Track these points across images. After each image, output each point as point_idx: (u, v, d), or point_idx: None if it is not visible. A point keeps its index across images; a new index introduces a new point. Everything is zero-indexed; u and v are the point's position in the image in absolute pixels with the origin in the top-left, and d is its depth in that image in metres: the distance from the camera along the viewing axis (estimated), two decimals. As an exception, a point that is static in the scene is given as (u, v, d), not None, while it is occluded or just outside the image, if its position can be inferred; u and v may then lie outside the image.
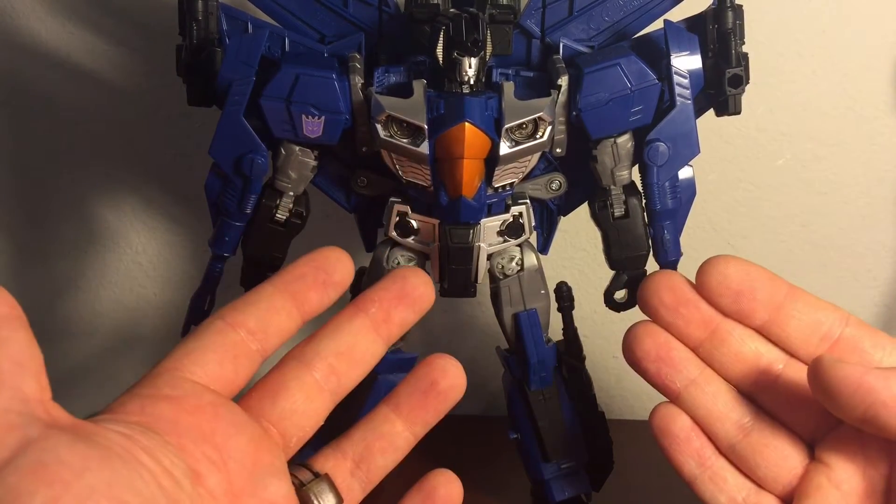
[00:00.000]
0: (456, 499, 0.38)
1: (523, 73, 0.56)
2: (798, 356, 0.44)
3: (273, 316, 0.36)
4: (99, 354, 0.84)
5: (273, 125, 0.53)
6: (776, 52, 0.74)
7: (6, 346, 0.29)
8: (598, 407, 0.62)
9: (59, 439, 0.28)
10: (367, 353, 0.37)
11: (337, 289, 0.37)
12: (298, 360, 0.37)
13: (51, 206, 0.80)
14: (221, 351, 0.35)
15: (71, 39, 0.75)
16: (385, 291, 0.38)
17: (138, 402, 0.32)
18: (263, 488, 0.33)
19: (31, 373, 0.29)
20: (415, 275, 0.38)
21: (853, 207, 0.78)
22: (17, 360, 0.29)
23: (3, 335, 0.29)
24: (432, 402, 0.38)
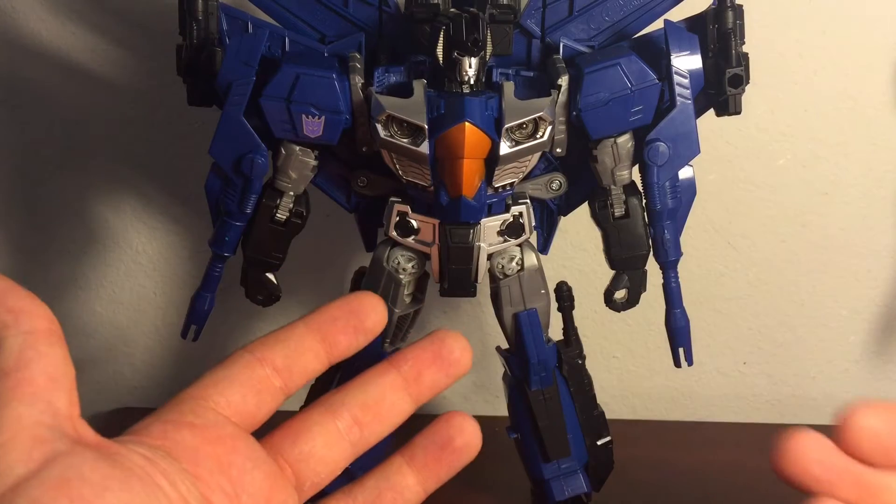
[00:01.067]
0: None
1: (523, 73, 0.56)
2: None
3: (301, 356, 0.36)
4: (99, 354, 0.83)
5: (273, 125, 0.53)
6: (777, 52, 0.74)
7: (42, 361, 0.29)
8: (598, 407, 0.62)
9: (84, 456, 0.28)
10: (394, 410, 0.37)
11: (368, 335, 0.37)
12: (325, 406, 0.37)
13: (51, 206, 0.80)
14: (247, 384, 0.35)
15: (71, 39, 0.75)
16: (421, 351, 0.38)
17: (161, 427, 0.32)
18: None
19: (63, 388, 0.30)
20: (454, 339, 0.38)
21: (853, 207, 0.78)
22: (51, 375, 0.29)
23: (41, 350, 0.29)
24: (447, 459, 0.38)
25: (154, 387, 0.84)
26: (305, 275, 0.79)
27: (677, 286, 0.57)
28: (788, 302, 0.81)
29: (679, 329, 0.58)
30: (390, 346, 0.60)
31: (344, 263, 0.79)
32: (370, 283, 0.58)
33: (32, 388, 0.29)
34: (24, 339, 0.29)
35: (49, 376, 0.29)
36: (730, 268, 0.80)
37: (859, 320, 0.81)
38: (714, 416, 0.83)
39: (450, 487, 0.67)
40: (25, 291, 0.31)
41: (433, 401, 0.87)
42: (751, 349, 0.82)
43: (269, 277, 0.58)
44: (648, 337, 0.81)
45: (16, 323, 0.30)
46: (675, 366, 0.58)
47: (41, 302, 0.31)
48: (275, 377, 0.35)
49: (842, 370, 0.82)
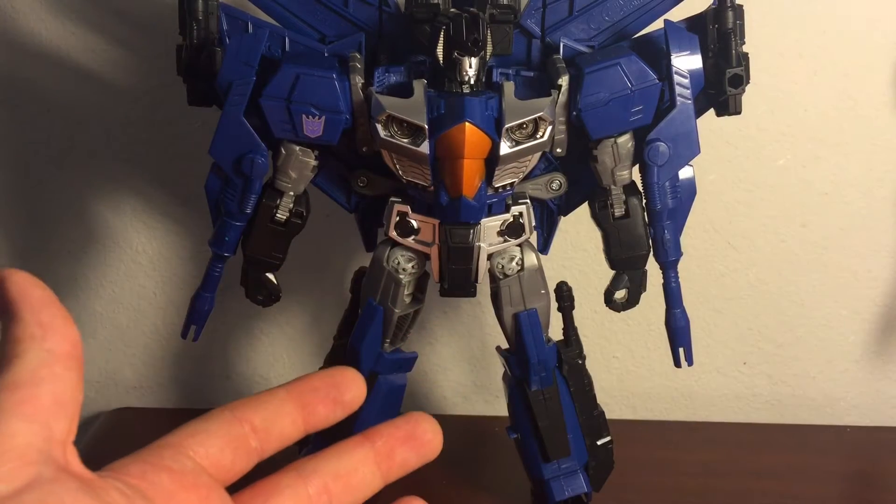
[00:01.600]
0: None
1: (523, 73, 0.56)
2: None
3: (279, 419, 0.37)
4: (99, 354, 0.83)
5: (273, 125, 0.53)
6: (777, 52, 0.74)
7: (54, 382, 0.30)
8: (598, 407, 0.62)
9: (67, 485, 0.29)
10: (364, 483, 0.38)
11: (345, 409, 0.38)
12: (297, 471, 0.37)
13: (51, 206, 0.80)
14: (225, 439, 0.36)
15: (71, 39, 0.75)
16: (395, 429, 0.38)
17: (141, 467, 0.32)
18: None
19: (66, 414, 0.30)
20: (426, 421, 0.39)
21: (853, 207, 0.78)
22: (58, 399, 0.30)
23: (57, 371, 0.30)
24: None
25: (154, 387, 0.84)
26: (305, 275, 0.79)
27: (677, 286, 0.57)
28: (788, 302, 0.81)
29: (679, 329, 0.58)
30: (390, 346, 0.60)
31: (344, 263, 0.79)
32: (370, 283, 0.58)
33: (36, 406, 0.29)
34: (45, 356, 0.30)
35: (56, 399, 0.29)
36: (730, 268, 0.80)
37: (859, 320, 0.81)
38: (714, 416, 0.83)
39: (450, 487, 0.67)
40: (62, 310, 0.31)
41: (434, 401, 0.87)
42: (751, 349, 0.82)
43: (269, 277, 0.58)
44: (648, 337, 0.81)
45: (42, 339, 0.30)
46: (675, 366, 0.58)
47: (73, 324, 0.31)
48: (252, 437, 0.36)
49: (842, 370, 0.82)
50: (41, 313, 0.30)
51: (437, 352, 0.82)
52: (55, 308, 0.31)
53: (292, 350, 0.83)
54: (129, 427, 0.79)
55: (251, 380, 0.83)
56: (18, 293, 0.31)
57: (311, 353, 0.82)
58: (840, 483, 0.72)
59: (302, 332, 0.82)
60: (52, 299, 0.31)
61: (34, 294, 0.31)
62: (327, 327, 0.73)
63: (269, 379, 0.83)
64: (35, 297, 0.31)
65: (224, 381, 0.83)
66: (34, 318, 0.30)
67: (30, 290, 0.31)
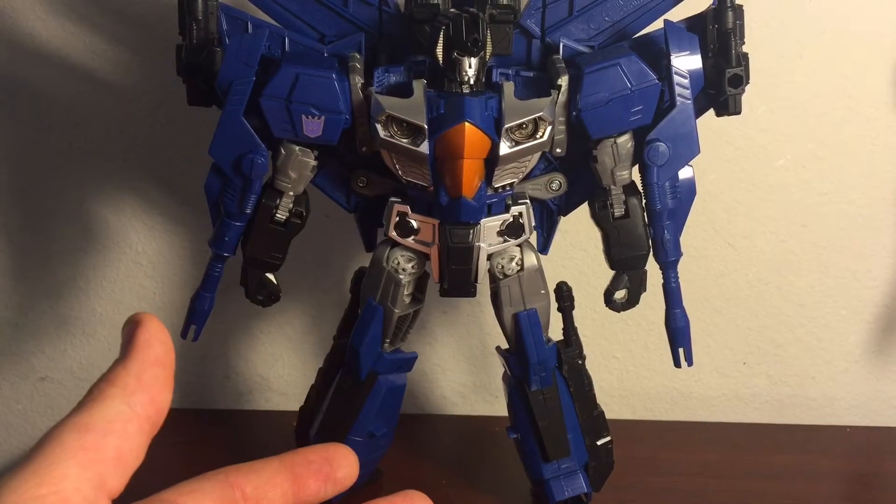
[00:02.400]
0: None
1: (523, 73, 0.56)
2: None
3: (270, 489, 0.37)
4: (99, 354, 0.83)
5: (273, 125, 0.53)
6: (777, 52, 0.74)
7: (122, 439, 0.30)
8: (598, 407, 0.62)
9: None
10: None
11: (336, 486, 0.38)
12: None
13: (51, 206, 0.80)
14: (217, 500, 0.36)
15: (71, 39, 0.75)
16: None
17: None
18: None
19: (121, 472, 0.30)
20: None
21: (853, 207, 0.78)
22: (120, 456, 0.30)
23: (129, 430, 0.30)
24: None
25: (154, 387, 0.84)
26: (305, 275, 0.79)
27: (677, 286, 0.57)
28: (788, 302, 0.81)
29: (679, 329, 0.58)
30: (390, 346, 0.60)
31: (344, 263, 0.79)
32: (370, 283, 0.58)
33: (97, 456, 0.29)
34: (125, 411, 0.30)
35: (118, 455, 0.30)
36: (730, 268, 0.80)
37: (859, 320, 0.81)
38: (714, 416, 0.83)
39: (450, 487, 0.67)
40: (168, 376, 0.32)
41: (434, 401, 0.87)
42: (751, 349, 0.82)
43: (269, 277, 0.58)
44: (648, 337, 0.81)
45: (132, 393, 0.31)
46: (675, 366, 0.58)
47: (170, 393, 0.32)
48: (242, 503, 0.36)
49: (842, 370, 0.82)
50: (146, 370, 0.31)
51: (437, 352, 0.82)
52: (162, 371, 0.31)
53: (292, 350, 0.83)
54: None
55: (251, 380, 0.83)
56: (140, 341, 0.32)
57: (311, 353, 0.82)
58: (840, 483, 0.72)
59: (302, 332, 0.82)
60: (165, 361, 0.31)
61: (152, 349, 0.32)
62: (327, 327, 0.73)
63: (268, 379, 0.83)
64: (151, 352, 0.32)
65: (224, 381, 0.83)
66: (137, 370, 0.31)
67: (152, 343, 0.32)
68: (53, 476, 0.28)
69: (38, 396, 0.85)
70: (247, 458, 0.33)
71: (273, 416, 0.82)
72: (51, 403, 0.85)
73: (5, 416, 0.86)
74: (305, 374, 0.79)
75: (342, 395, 0.60)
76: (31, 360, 0.84)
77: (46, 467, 0.28)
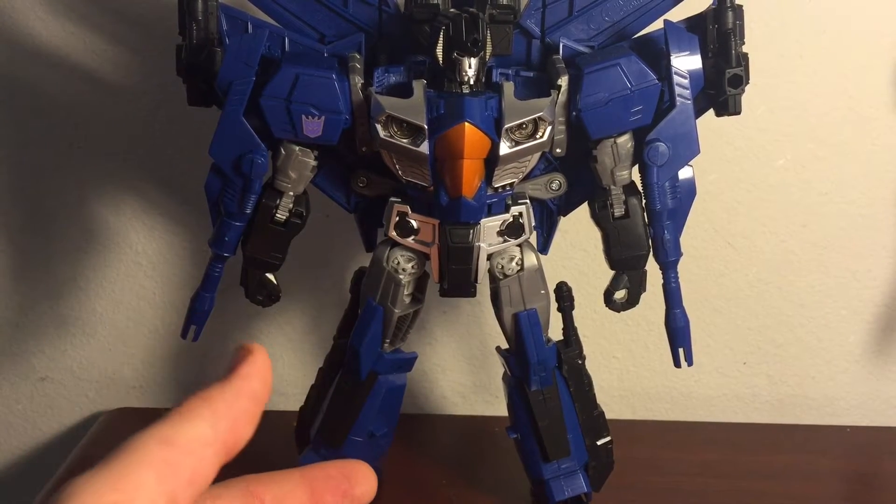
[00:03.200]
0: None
1: (523, 73, 0.56)
2: None
3: (288, 499, 0.37)
4: (99, 354, 0.83)
5: (273, 125, 0.53)
6: (776, 52, 0.74)
7: (200, 463, 0.30)
8: (598, 407, 0.62)
9: None
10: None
11: (354, 503, 0.38)
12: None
13: (51, 206, 0.80)
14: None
15: (71, 39, 0.75)
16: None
17: None
18: None
19: (191, 493, 0.30)
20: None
21: (853, 207, 0.78)
22: (194, 478, 0.30)
23: (207, 455, 0.30)
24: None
25: (154, 387, 0.84)
26: (305, 275, 0.79)
27: (677, 286, 0.57)
28: (788, 302, 0.81)
29: (679, 329, 0.58)
30: (390, 346, 0.60)
31: (344, 263, 0.79)
32: (370, 283, 0.58)
33: (174, 472, 0.29)
34: (209, 435, 0.30)
35: (192, 477, 0.30)
36: (730, 268, 0.80)
37: (859, 320, 0.81)
38: (714, 416, 0.83)
39: (450, 487, 0.67)
40: (256, 413, 0.31)
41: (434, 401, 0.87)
42: (751, 349, 0.82)
43: (269, 277, 0.58)
44: (648, 337, 0.81)
45: (219, 419, 0.31)
46: (675, 366, 0.58)
47: (252, 428, 0.32)
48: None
49: (842, 370, 0.82)
50: (239, 401, 0.31)
51: (437, 352, 0.82)
52: (253, 407, 0.31)
53: (292, 350, 0.83)
54: (129, 427, 0.78)
55: (251, 380, 0.83)
56: (243, 372, 0.32)
57: (311, 353, 0.82)
58: (840, 483, 0.72)
59: (302, 332, 0.82)
60: (259, 398, 0.31)
61: (251, 383, 0.32)
62: (327, 327, 0.73)
63: (269, 379, 0.83)
64: (250, 385, 0.32)
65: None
66: (231, 398, 0.31)
67: (253, 377, 0.32)
68: (130, 483, 0.28)
69: (38, 396, 0.85)
70: (247, 458, 0.32)
71: (273, 416, 0.80)
72: (51, 403, 0.85)
73: (5, 416, 0.86)
74: (305, 374, 0.79)
75: (342, 395, 0.60)
76: (31, 360, 0.84)
77: (124, 473, 0.28)
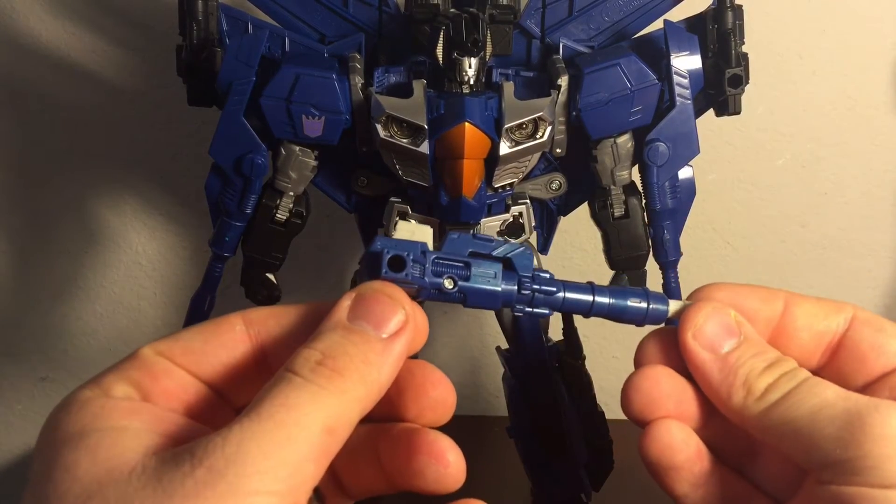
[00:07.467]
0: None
1: (523, 73, 0.56)
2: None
3: None
4: (99, 354, 0.84)
5: (273, 125, 0.53)
6: (776, 52, 0.74)
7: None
8: (598, 407, 0.62)
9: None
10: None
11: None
12: None
13: (51, 206, 0.80)
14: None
15: (71, 39, 0.75)
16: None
17: None
18: None
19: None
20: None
21: (853, 207, 0.78)
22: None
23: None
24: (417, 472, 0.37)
25: (154, 387, 0.84)
26: (305, 275, 0.79)
27: (677, 286, 0.57)
28: (788, 302, 0.81)
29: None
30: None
31: (344, 263, 0.79)
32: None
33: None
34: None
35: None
36: (730, 268, 0.80)
37: (859, 320, 0.81)
38: (714, 415, 0.83)
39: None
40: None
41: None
42: (750, 349, 0.82)
43: (269, 277, 0.58)
44: (648, 337, 0.81)
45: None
46: (675, 366, 0.58)
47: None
48: None
49: (841, 370, 0.82)
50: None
51: (437, 352, 0.82)
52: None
53: (292, 350, 0.83)
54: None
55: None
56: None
57: (311, 353, 0.82)
58: (840, 483, 0.72)
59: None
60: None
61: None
62: (327, 327, 0.73)
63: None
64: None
65: (224, 381, 0.83)
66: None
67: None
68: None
69: (38, 396, 0.85)
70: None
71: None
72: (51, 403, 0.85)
73: (5, 416, 0.86)
74: (305, 374, 0.79)
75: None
76: (31, 360, 0.84)
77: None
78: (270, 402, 0.29)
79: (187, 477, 0.27)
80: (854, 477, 0.31)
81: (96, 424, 0.30)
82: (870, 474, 0.31)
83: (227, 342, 0.34)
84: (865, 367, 0.37)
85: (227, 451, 0.27)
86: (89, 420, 0.30)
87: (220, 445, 0.27)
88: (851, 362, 0.37)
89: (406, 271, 0.34)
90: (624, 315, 0.38)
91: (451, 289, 0.35)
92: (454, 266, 0.35)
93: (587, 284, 0.37)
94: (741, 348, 0.36)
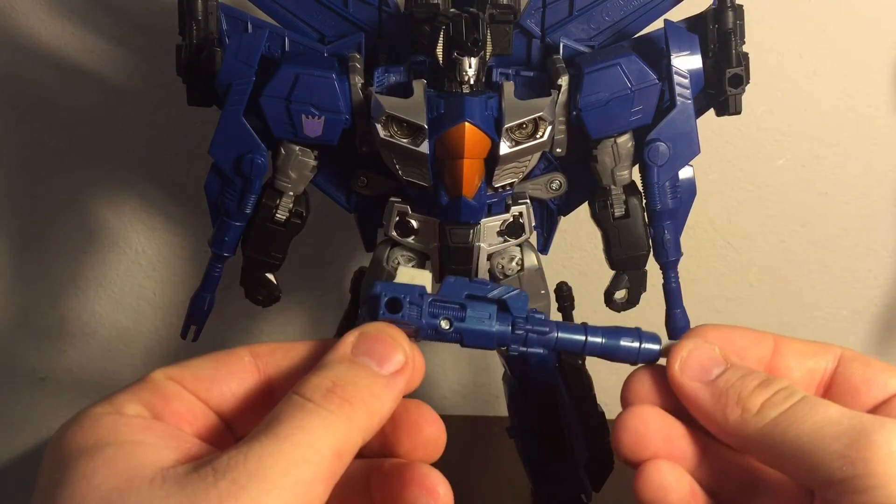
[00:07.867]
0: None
1: (523, 73, 0.56)
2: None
3: None
4: (99, 354, 0.84)
5: (273, 125, 0.53)
6: (776, 52, 0.74)
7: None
8: (598, 407, 0.62)
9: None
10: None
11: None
12: None
13: (51, 206, 0.80)
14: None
15: (71, 39, 0.75)
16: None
17: None
18: None
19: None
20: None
21: (853, 207, 0.78)
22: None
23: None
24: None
25: (154, 387, 0.84)
26: (305, 275, 0.79)
27: (677, 286, 0.57)
28: (788, 302, 0.81)
29: (679, 329, 0.58)
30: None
31: (344, 263, 0.79)
32: (370, 284, 0.58)
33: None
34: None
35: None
36: (730, 268, 0.80)
37: (859, 320, 0.81)
38: (714, 416, 0.83)
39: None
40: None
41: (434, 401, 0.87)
42: (751, 349, 0.82)
43: (268, 277, 0.58)
44: (648, 337, 0.81)
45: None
46: (675, 366, 0.58)
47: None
48: None
49: (842, 370, 0.82)
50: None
51: (437, 352, 0.82)
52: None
53: (292, 350, 0.83)
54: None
55: (251, 380, 0.83)
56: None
57: (311, 353, 0.82)
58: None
59: (302, 333, 0.82)
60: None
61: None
62: (327, 327, 0.73)
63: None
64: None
65: (224, 381, 0.83)
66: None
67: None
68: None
69: (38, 396, 0.85)
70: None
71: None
72: (51, 403, 0.85)
73: (5, 416, 0.86)
74: (305, 374, 0.79)
75: (342, 395, 0.60)
76: (31, 360, 0.84)
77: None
78: (286, 423, 0.30)
79: (211, 488, 0.28)
80: (858, 496, 0.31)
81: (111, 438, 0.30)
82: (875, 494, 0.31)
83: (236, 372, 0.36)
84: (859, 399, 0.37)
85: (249, 466, 0.28)
86: (104, 434, 0.31)
87: (243, 461, 0.28)
88: (845, 396, 0.38)
89: (403, 312, 0.36)
90: (616, 354, 0.39)
91: (448, 329, 0.37)
92: (450, 308, 0.37)
93: (580, 325, 0.39)
94: (729, 372, 0.36)
